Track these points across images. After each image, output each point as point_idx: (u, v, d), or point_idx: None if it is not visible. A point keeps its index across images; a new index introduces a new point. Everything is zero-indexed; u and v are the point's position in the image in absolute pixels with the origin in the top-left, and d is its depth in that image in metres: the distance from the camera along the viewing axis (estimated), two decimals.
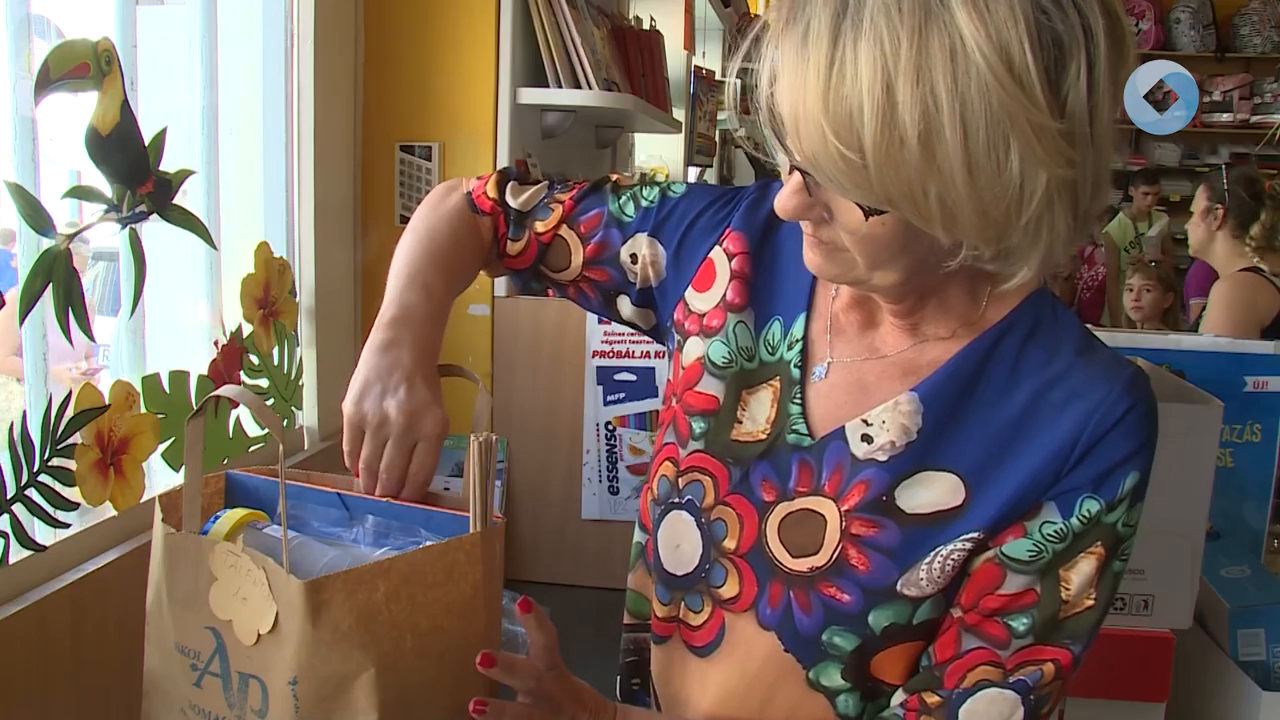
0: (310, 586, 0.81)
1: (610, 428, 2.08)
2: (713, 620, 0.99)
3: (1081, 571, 0.87)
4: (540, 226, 1.10)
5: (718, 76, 4.37)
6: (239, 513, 0.96)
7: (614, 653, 1.11)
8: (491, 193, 1.13)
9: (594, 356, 2.06)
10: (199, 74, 1.67)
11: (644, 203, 1.08)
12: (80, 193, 1.39)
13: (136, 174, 1.45)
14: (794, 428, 0.95)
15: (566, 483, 2.12)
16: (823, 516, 0.93)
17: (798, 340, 0.98)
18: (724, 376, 1.00)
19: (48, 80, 1.28)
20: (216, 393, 0.93)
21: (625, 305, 1.11)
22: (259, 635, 0.85)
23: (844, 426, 0.93)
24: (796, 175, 0.82)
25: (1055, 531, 0.87)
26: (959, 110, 0.72)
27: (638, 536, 1.08)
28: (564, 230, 1.10)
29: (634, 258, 1.07)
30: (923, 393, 0.91)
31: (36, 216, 1.27)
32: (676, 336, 1.06)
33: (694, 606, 1.00)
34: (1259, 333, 2.95)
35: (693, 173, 4.82)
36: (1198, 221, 3.27)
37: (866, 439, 0.92)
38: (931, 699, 0.89)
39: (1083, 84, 0.75)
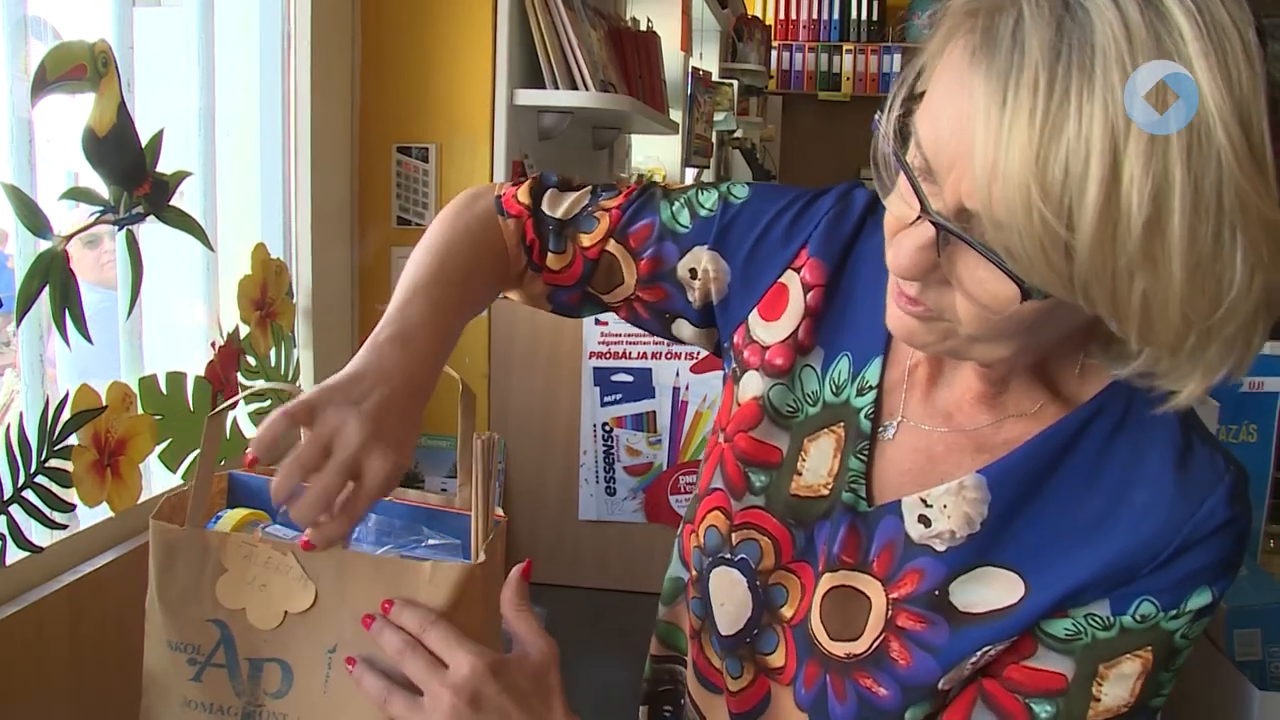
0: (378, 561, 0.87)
1: (607, 429, 2.08)
2: (755, 688, 0.92)
3: (1122, 672, 0.78)
4: (586, 240, 0.97)
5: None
6: (241, 512, 0.97)
7: (612, 653, 1.11)
8: (523, 198, 1.00)
9: (591, 357, 2.07)
10: (196, 75, 1.67)
11: (701, 211, 0.95)
12: (77, 194, 1.39)
13: (133, 175, 1.45)
14: (852, 485, 0.86)
15: (563, 484, 2.12)
16: (868, 599, 0.84)
17: (870, 388, 0.87)
18: (788, 426, 0.90)
19: (44, 82, 1.28)
20: (272, 386, 0.93)
21: (685, 328, 0.99)
22: (284, 616, 0.88)
23: (901, 501, 0.84)
24: (926, 229, 0.68)
25: (1101, 619, 0.78)
26: (1190, 194, 0.59)
27: (677, 572, 1.01)
28: (612, 245, 0.97)
29: (693, 273, 0.95)
30: (991, 477, 0.81)
31: (33, 218, 1.27)
32: (734, 364, 0.95)
33: (733, 671, 0.94)
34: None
35: (690, 174, 4.82)
36: None
37: (924, 520, 0.82)
38: None
39: None
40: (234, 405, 0.99)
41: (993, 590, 0.80)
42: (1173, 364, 0.67)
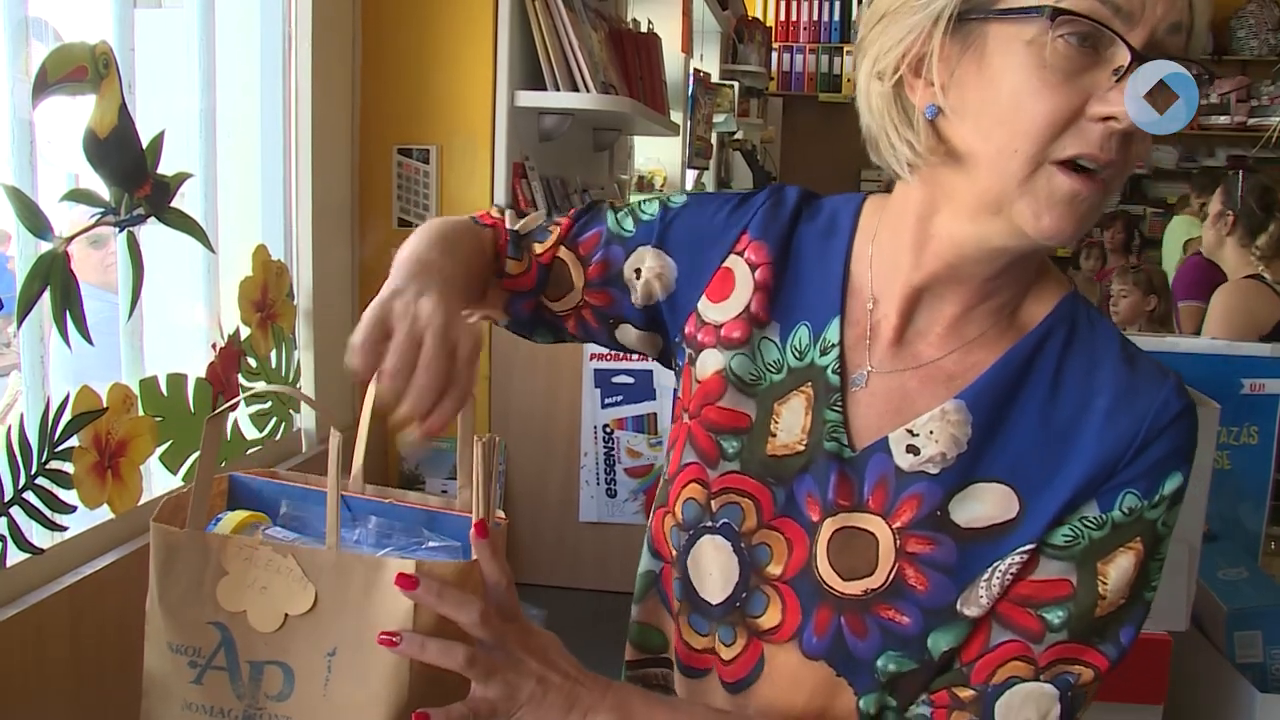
0: (374, 562, 0.87)
1: (608, 430, 2.08)
2: (748, 653, 0.94)
3: (1120, 566, 0.85)
4: (539, 248, 1.04)
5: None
6: (240, 514, 0.97)
7: (613, 656, 1.10)
8: (495, 213, 1.08)
9: (591, 359, 2.07)
10: (197, 77, 1.68)
11: (644, 216, 1.02)
12: (78, 196, 1.39)
13: (134, 177, 1.45)
14: (833, 435, 0.91)
15: (564, 485, 2.12)
16: (873, 535, 0.88)
17: (833, 345, 0.92)
18: (754, 393, 0.94)
19: (45, 83, 1.28)
20: (273, 388, 0.93)
21: (629, 332, 1.04)
22: (285, 619, 0.88)
23: (887, 438, 0.89)
24: (1160, 69, 0.76)
25: (1093, 519, 0.85)
26: None
27: (648, 565, 1.02)
28: (563, 251, 1.04)
29: (638, 273, 1.01)
30: (969, 399, 0.88)
31: (34, 220, 1.27)
32: (688, 351, 0.99)
33: (725, 639, 0.95)
34: (1258, 340, 2.96)
35: (690, 175, 4.82)
36: (1210, 224, 3.29)
37: (913, 450, 0.88)
38: (964, 693, 0.86)
39: None
40: (234, 407, 0.98)
41: (988, 505, 0.86)
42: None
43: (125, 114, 1.41)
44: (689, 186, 4.92)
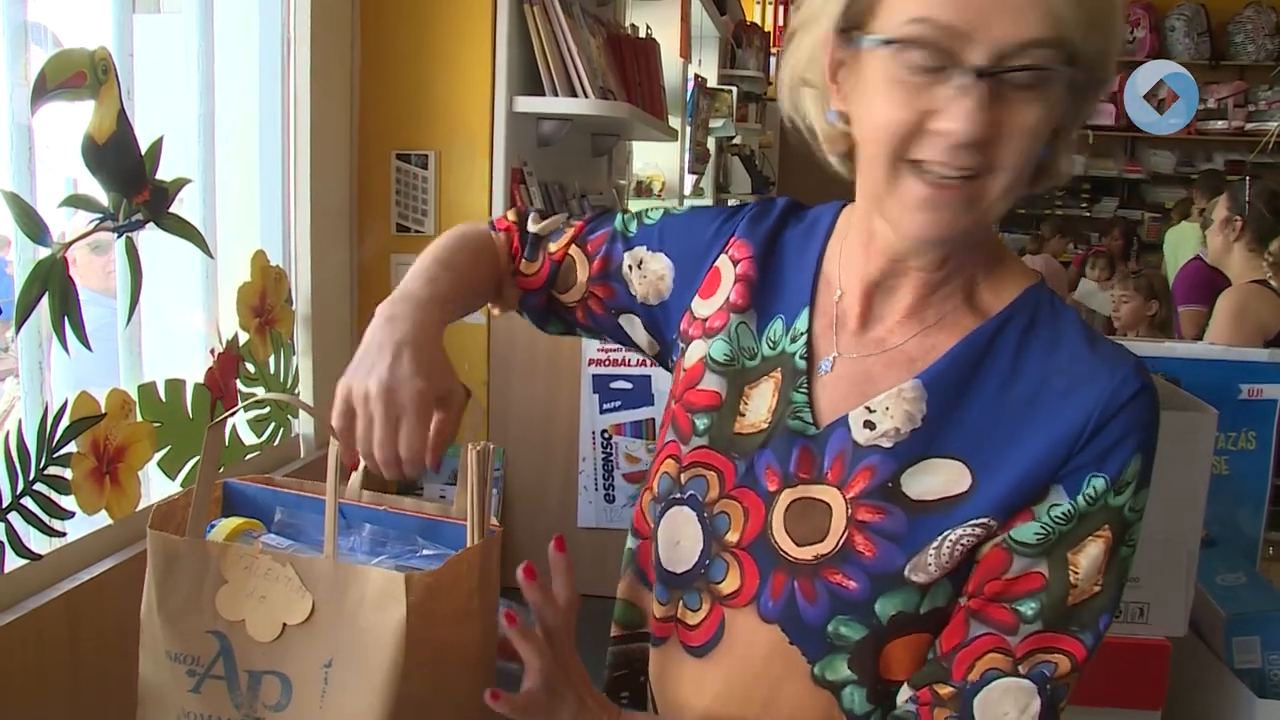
0: (365, 573, 0.87)
1: (606, 436, 2.08)
2: (711, 618, 0.98)
3: (1089, 555, 0.87)
4: (553, 247, 1.13)
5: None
6: (235, 521, 0.97)
7: None
8: (511, 216, 1.17)
9: (590, 365, 2.07)
10: (195, 82, 1.68)
11: (647, 221, 1.11)
12: (76, 201, 1.39)
13: (133, 183, 1.45)
14: (798, 414, 0.96)
15: (563, 491, 2.11)
16: (827, 504, 0.93)
17: (801, 334, 0.99)
18: (725, 374, 1.01)
19: (44, 89, 1.28)
20: (272, 396, 0.93)
21: (634, 322, 1.12)
22: (283, 628, 0.88)
23: (847, 415, 0.94)
24: (983, 87, 0.80)
25: (1063, 513, 0.87)
26: None
27: (630, 543, 1.08)
28: (573, 249, 1.12)
29: (631, 269, 1.09)
30: (926, 379, 0.92)
31: (32, 226, 1.27)
32: (681, 345, 1.06)
33: (692, 605, 1.00)
34: (1262, 344, 2.97)
35: (689, 180, 4.83)
36: (1217, 230, 3.29)
37: (869, 425, 0.93)
38: (943, 690, 0.89)
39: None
40: (233, 414, 0.98)
41: (940, 479, 0.90)
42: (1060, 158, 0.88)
43: (124, 120, 1.41)
44: (687, 191, 4.93)
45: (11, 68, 1.27)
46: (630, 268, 1.09)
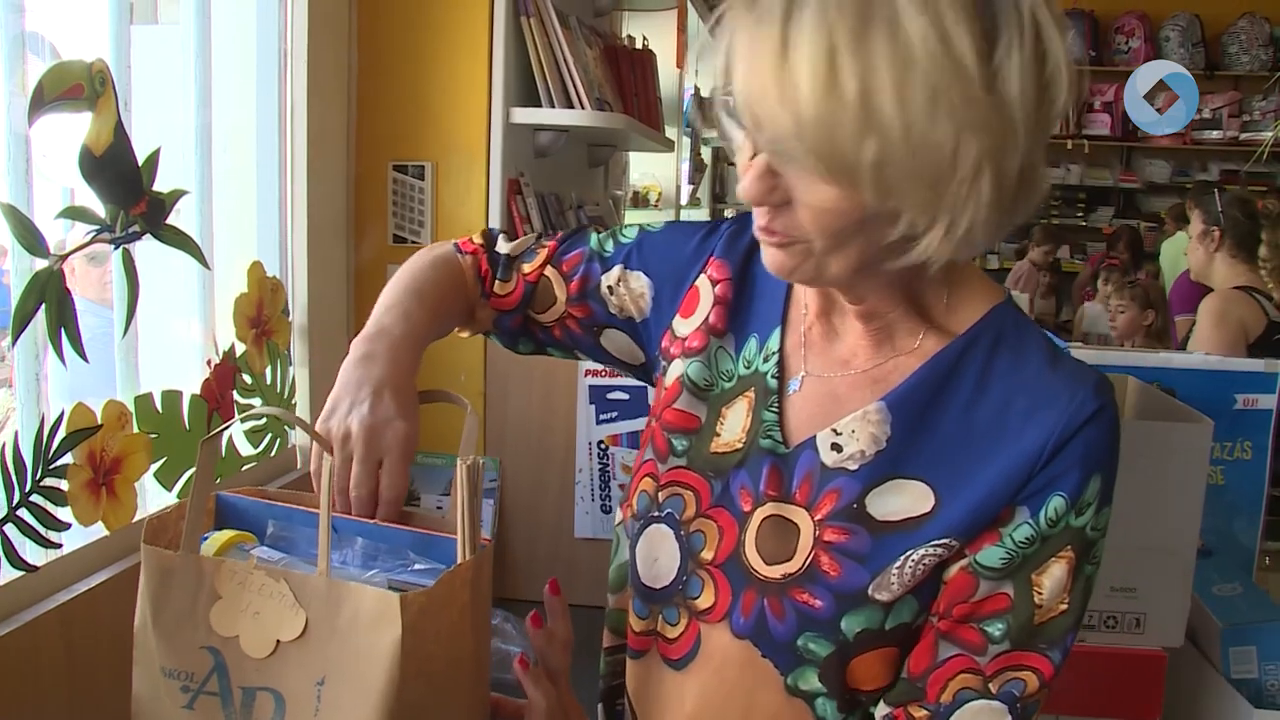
0: (361, 591, 0.86)
1: (603, 446, 2.08)
2: (688, 632, 1.00)
3: (1053, 575, 0.89)
4: (527, 268, 1.13)
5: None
6: (227, 534, 0.96)
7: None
8: (477, 239, 1.16)
9: (586, 375, 2.07)
10: (193, 93, 1.68)
11: (623, 239, 1.12)
12: (74, 213, 1.39)
13: (130, 194, 1.45)
14: (769, 433, 0.98)
15: (559, 501, 2.11)
16: (796, 525, 0.95)
17: (773, 353, 1.00)
18: (705, 398, 1.03)
19: (42, 101, 1.28)
20: (268, 410, 0.93)
21: (611, 337, 1.13)
22: (277, 645, 0.87)
23: (815, 437, 0.96)
24: (760, 159, 0.84)
25: (1026, 537, 0.89)
26: (896, 77, 0.76)
27: (625, 557, 1.08)
28: (549, 270, 1.13)
29: (611, 289, 1.10)
30: (890, 401, 0.94)
31: (29, 237, 1.27)
32: (663, 363, 1.08)
33: (670, 619, 1.01)
34: (1245, 348, 2.99)
35: (685, 191, 4.83)
36: (1196, 244, 3.31)
37: (836, 448, 0.94)
38: (918, 713, 0.91)
39: (1014, 63, 0.78)
40: (227, 428, 0.98)
41: (904, 500, 0.92)
42: (926, 224, 0.82)
43: (121, 132, 1.41)
44: (684, 201, 4.93)
45: (9, 78, 1.28)
46: (609, 287, 1.10)
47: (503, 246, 1.15)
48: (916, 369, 0.94)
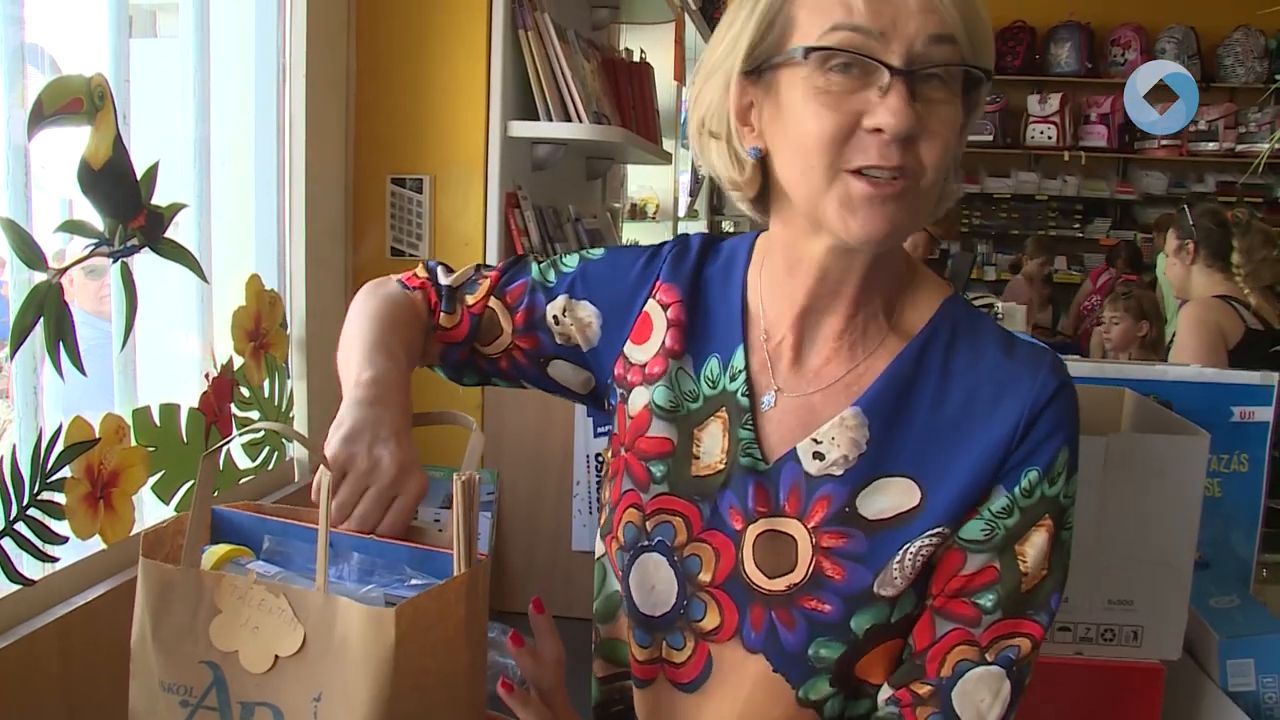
0: (354, 608, 0.85)
1: (600, 459, 2.08)
2: (697, 654, 1.01)
3: (1035, 544, 0.94)
4: (470, 299, 1.12)
5: None
6: (223, 548, 0.96)
7: None
8: (421, 273, 1.16)
9: None
10: (191, 106, 1.68)
11: (564, 269, 1.11)
12: (72, 226, 1.39)
13: (128, 208, 1.46)
14: (748, 451, 0.99)
15: (556, 514, 2.11)
16: (792, 536, 0.97)
17: (740, 371, 1.02)
18: (672, 419, 1.03)
19: (41, 115, 1.28)
20: (268, 425, 0.93)
21: (558, 368, 1.12)
22: (275, 660, 0.87)
23: (796, 448, 0.98)
24: (901, 87, 0.86)
25: (1003, 508, 0.94)
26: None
27: (615, 586, 1.08)
28: (493, 301, 1.12)
29: (557, 319, 1.10)
30: (864, 405, 0.97)
31: (28, 251, 1.27)
32: (619, 391, 1.08)
33: (675, 644, 1.02)
34: (1225, 354, 3.01)
35: (684, 203, 4.84)
36: (1173, 260, 3.35)
37: (819, 456, 0.97)
38: (921, 689, 0.94)
39: None
40: (228, 443, 0.98)
41: (892, 497, 0.95)
42: (950, 171, 0.92)
43: (120, 146, 1.42)
44: (681, 213, 4.94)
45: (9, 91, 1.28)
46: (554, 317, 1.10)
47: (444, 279, 1.14)
48: (882, 371, 0.98)
